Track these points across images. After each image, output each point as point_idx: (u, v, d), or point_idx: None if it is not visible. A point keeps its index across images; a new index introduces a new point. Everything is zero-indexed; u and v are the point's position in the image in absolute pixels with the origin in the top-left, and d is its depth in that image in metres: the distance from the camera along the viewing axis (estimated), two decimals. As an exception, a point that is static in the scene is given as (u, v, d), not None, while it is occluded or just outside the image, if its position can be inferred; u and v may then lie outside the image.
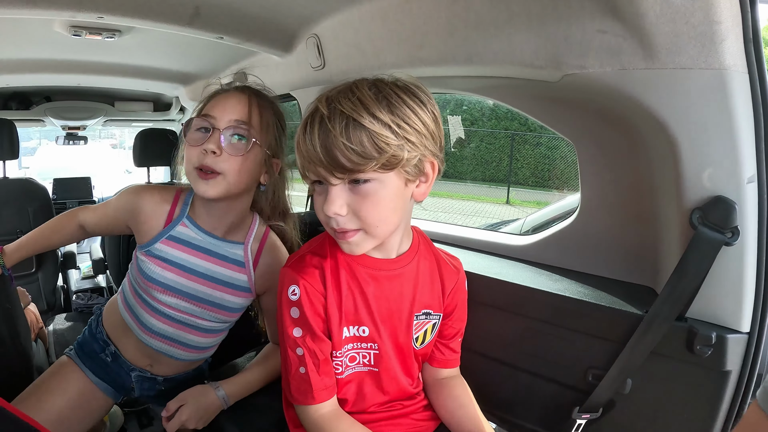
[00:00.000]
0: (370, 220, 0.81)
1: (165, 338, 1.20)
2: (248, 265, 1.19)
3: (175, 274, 1.16)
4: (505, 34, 1.05)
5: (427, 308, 0.99)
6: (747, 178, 0.85)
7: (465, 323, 1.08)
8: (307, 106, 0.84)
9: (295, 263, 0.93)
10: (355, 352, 0.96)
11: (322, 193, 0.82)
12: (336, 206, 0.80)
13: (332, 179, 0.79)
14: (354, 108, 0.77)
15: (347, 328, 0.93)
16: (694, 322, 0.92)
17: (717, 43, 0.80)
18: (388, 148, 0.77)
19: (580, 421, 1.04)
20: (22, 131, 2.67)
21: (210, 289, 1.18)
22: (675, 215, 0.93)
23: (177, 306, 1.17)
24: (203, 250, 1.17)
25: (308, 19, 1.56)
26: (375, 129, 0.76)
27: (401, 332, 0.97)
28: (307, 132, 0.79)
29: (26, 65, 2.31)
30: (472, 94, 1.38)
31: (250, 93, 1.12)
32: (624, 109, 0.96)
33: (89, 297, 2.61)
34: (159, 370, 1.25)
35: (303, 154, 0.80)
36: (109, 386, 1.26)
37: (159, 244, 1.15)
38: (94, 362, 1.25)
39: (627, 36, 0.87)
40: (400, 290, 0.96)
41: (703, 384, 0.93)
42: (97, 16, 1.44)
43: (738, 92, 0.82)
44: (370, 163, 0.77)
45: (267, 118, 1.11)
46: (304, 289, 0.89)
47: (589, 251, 1.19)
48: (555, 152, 9.79)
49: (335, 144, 0.76)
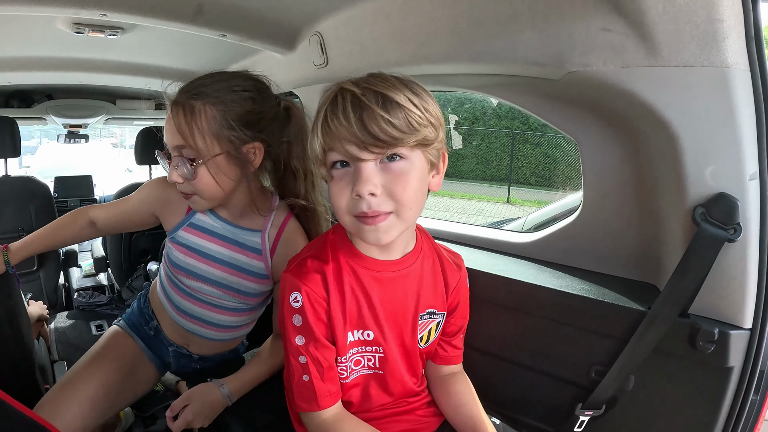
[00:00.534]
0: (405, 200, 0.79)
1: (194, 318, 1.24)
2: (265, 253, 1.20)
3: (196, 260, 1.20)
4: (508, 32, 1.05)
5: (431, 307, 0.98)
6: (749, 175, 0.86)
7: (467, 320, 1.09)
8: (325, 95, 0.82)
9: (296, 268, 0.90)
10: (360, 355, 0.95)
11: (345, 176, 0.80)
12: (371, 185, 0.77)
13: (366, 155, 0.77)
14: (387, 87, 0.78)
15: (351, 333, 0.92)
16: (696, 319, 0.93)
17: (719, 41, 0.81)
18: (419, 128, 0.78)
19: (582, 417, 1.04)
20: (23, 130, 2.68)
21: (228, 275, 1.20)
22: (677, 212, 0.94)
23: (200, 289, 1.21)
24: (222, 237, 1.19)
25: (311, 17, 1.56)
26: (409, 107, 0.77)
27: (407, 333, 0.96)
28: (338, 110, 0.77)
29: (28, 63, 2.31)
30: (476, 93, 1.39)
31: (177, 107, 1.04)
32: (627, 106, 0.97)
33: (91, 295, 2.62)
34: (195, 349, 1.30)
35: (330, 134, 0.78)
36: (155, 356, 1.31)
37: (182, 231, 1.20)
38: (141, 335, 1.31)
39: (630, 34, 0.88)
40: (405, 291, 0.94)
41: (706, 380, 0.93)
42: (100, 14, 1.43)
43: (740, 90, 0.83)
44: (408, 138, 0.77)
45: (206, 123, 1.03)
46: (307, 296, 0.87)
47: (591, 248, 1.20)
48: (556, 151, 9.79)
49: (372, 117, 0.75)
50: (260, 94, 1.11)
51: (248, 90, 1.08)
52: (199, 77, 1.07)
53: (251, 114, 1.07)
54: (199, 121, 1.02)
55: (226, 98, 1.04)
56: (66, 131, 3.59)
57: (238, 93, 1.06)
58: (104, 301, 2.59)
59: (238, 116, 1.05)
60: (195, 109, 1.02)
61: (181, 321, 1.25)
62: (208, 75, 1.08)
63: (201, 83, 1.05)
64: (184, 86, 1.06)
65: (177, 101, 1.04)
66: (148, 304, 1.34)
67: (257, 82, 1.12)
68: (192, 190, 1.07)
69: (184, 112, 1.02)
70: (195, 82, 1.06)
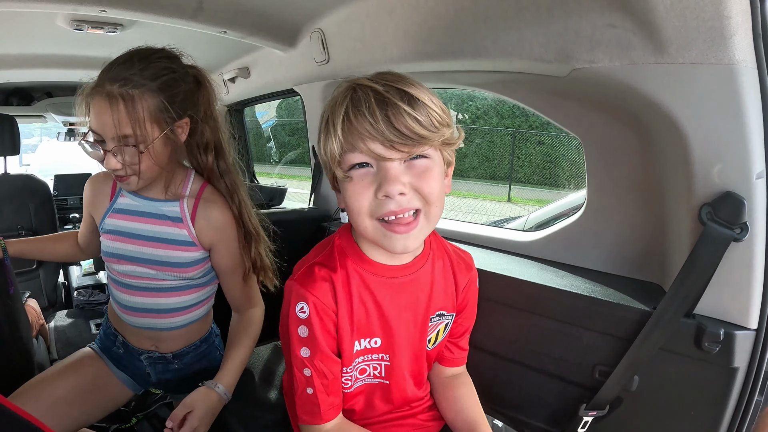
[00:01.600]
0: (432, 196, 0.77)
1: (141, 311, 1.22)
2: (186, 220, 1.19)
3: (122, 242, 1.19)
4: (513, 28, 1.04)
5: (441, 309, 0.96)
6: (756, 174, 0.85)
7: (474, 320, 1.07)
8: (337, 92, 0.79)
9: (302, 276, 0.86)
10: (365, 364, 0.93)
11: (366, 177, 0.77)
12: (399, 184, 0.74)
13: (393, 153, 0.74)
14: (408, 84, 0.76)
15: (358, 342, 0.89)
16: (702, 319, 0.92)
17: (727, 39, 0.80)
18: (440, 127, 0.76)
19: (586, 418, 1.03)
20: (24, 128, 2.67)
21: (154, 248, 1.20)
22: (683, 211, 0.93)
23: (133, 273, 1.20)
24: (144, 214, 1.20)
25: (313, 13, 1.55)
26: (431, 106, 0.75)
27: (416, 337, 0.94)
28: (362, 107, 0.73)
29: (28, 60, 2.30)
30: (479, 90, 1.38)
31: (115, 99, 1.02)
32: (632, 104, 0.96)
33: (90, 293, 2.60)
34: (164, 347, 1.27)
35: (353, 132, 0.74)
36: (129, 377, 1.29)
37: (107, 219, 1.21)
38: (111, 357, 1.29)
39: (636, 31, 0.87)
40: (416, 295, 0.91)
41: (711, 381, 0.92)
42: (99, 10, 1.43)
43: (747, 88, 0.82)
44: (434, 136, 0.75)
45: (147, 112, 1.04)
46: (314, 306, 0.83)
47: (596, 247, 1.19)
48: (557, 150, 9.78)
49: (399, 114, 0.72)
50: (180, 69, 1.12)
51: (172, 68, 1.09)
52: (118, 62, 1.06)
53: (179, 93, 1.10)
54: (141, 110, 1.03)
55: (157, 83, 1.06)
56: (66, 129, 3.58)
57: (167, 75, 1.07)
58: (104, 299, 2.57)
59: (170, 97, 1.07)
60: (135, 99, 1.03)
61: (134, 320, 1.23)
62: (127, 58, 1.06)
63: (127, 69, 1.04)
64: (110, 75, 1.03)
65: (112, 93, 1.02)
66: (109, 324, 1.31)
67: (173, 57, 1.13)
68: (130, 172, 1.09)
69: (125, 103, 1.02)
70: (119, 69, 1.04)
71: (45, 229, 2.50)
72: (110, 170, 1.09)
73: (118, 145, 1.05)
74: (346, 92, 0.77)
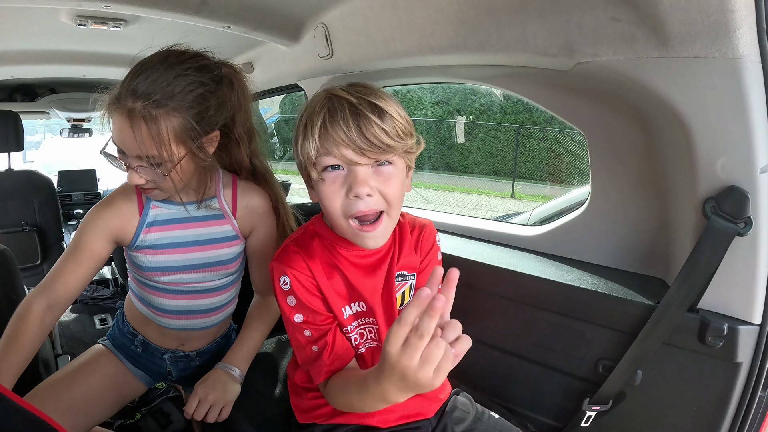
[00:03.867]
0: (394, 199, 0.87)
1: (182, 313, 1.21)
2: (228, 214, 1.19)
3: (167, 255, 1.16)
4: (518, 21, 1.04)
5: (402, 269, 1.00)
6: (761, 168, 0.84)
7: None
8: (314, 100, 0.87)
9: (280, 255, 0.95)
10: (361, 329, 0.98)
11: (337, 179, 0.86)
12: (367, 186, 0.84)
13: (362, 159, 0.83)
14: (378, 97, 0.85)
15: (349, 306, 0.97)
16: (705, 314, 0.92)
17: (731, 32, 0.79)
18: (405, 137, 0.86)
19: (589, 412, 1.04)
20: (27, 124, 2.68)
21: (204, 252, 1.18)
22: (687, 205, 0.93)
23: (181, 280, 1.18)
24: (183, 220, 1.16)
25: (316, 8, 1.54)
26: (398, 117, 0.85)
27: (387, 300, 0.99)
28: (337, 117, 0.83)
29: (31, 56, 2.30)
30: (483, 84, 1.37)
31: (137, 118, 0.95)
32: (636, 98, 0.96)
33: (95, 289, 2.61)
34: (190, 346, 1.27)
35: (328, 139, 0.83)
36: (145, 374, 1.28)
37: (142, 235, 1.14)
38: (127, 355, 1.26)
39: (640, 24, 0.86)
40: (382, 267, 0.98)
41: (714, 376, 0.92)
42: (102, 5, 1.43)
43: (751, 82, 0.82)
44: (398, 145, 0.84)
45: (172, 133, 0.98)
46: (294, 276, 0.92)
47: (599, 242, 1.19)
48: (560, 146, 9.75)
49: (369, 125, 0.82)
50: (211, 79, 1.04)
51: (201, 81, 1.01)
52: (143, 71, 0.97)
53: (208, 108, 1.03)
54: (165, 131, 0.97)
55: (185, 100, 0.99)
56: (69, 125, 3.59)
57: (195, 90, 1.00)
58: (108, 294, 2.59)
59: (197, 115, 1.01)
60: (159, 120, 0.96)
61: (170, 323, 1.21)
62: (152, 68, 0.98)
63: (152, 84, 0.96)
64: (133, 87, 0.96)
65: (134, 111, 0.95)
66: (126, 323, 1.27)
67: (204, 65, 1.04)
68: (154, 186, 1.05)
69: (147, 125, 0.95)
70: (143, 82, 0.96)
71: (50, 224, 2.52)
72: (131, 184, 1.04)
73: (141, 165, 1.00)
74: (324, 102, 0.86)
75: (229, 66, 1.12)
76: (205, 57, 1.06)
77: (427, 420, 1.02)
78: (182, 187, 1.08)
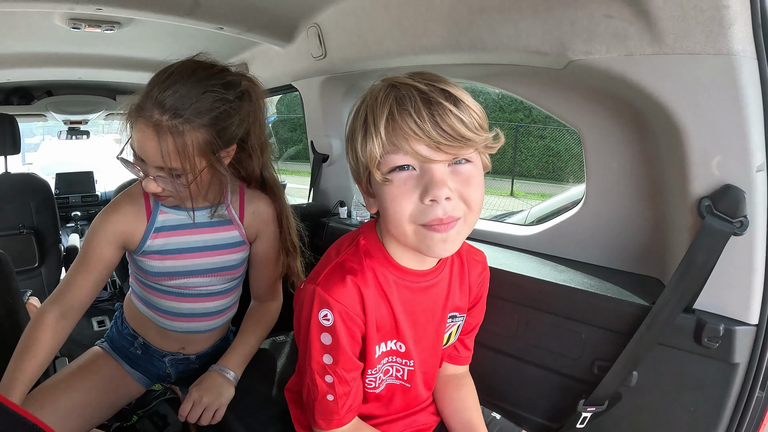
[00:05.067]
0: (475, 204, 0.75)
1: (186, 316, 1.22)
2: (236, 220, 1.20)
3: (175, 260, 1.16)
4: (510, 20, 1.03)
5: (455, 311, 0.94)
6: (756, 167, 0.83)
7: (482, 318, 1.04)
8: (373, 92, 0.76)
9: (325, 281, 0.80)
10: (389, 365, 0.91)
11: (409, 180, 0.73)
12: (446, 188, 0.71)
13: (439, 156, 0.71)
14: (449, 84, 0.73)
15: (385, 343, 0.87)
16: (701, 314, 0.91)
17: (725, 28, 0.78)
18: (481, 130, 0.73)
19: (585, 414, 1.02)
20: (26, 127, 2.67)
21: (211, 257, 1.19)
22: (683, 204, 0.92)
23: (187, 284, 1.19)
24: (191, 226, 1.17)
25: (309, 8, 1.54)
26: (473, 107, 0.73)
27: (434, 341, 0.93)
28: (407, 106, 0.70)
29: (27, 59, 2.30)
30: (476, 83, 1.36)
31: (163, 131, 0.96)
32: (630, 96, 0.95)
33: (92, 291, 2.61)
34: (191, 349, 1.28)
35: (398, 133, 0.71)
36: (143, 375, 1.28)
37: (149, 241, 1.14)
38: (126, 356, 1.26)
39: (633, 21, 0.85)
40: (436, 298, 0.90)
41: (711, 377, 0.91)
42: (95, 8, 1.43)
43: (747, 78, 0.80)
44: (478, 139, 0.72)
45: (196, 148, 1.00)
46: (339, 314, 0.79)
47: (594, 241, 1.18)
48: (559, 144, 9.74)
49: (446, 115, 0.69)
50: (235, 96, 1.05)
51: (227, 98, 1.03)
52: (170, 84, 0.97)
53: (231, 125, 1.05)
54: (190, 145, 0.98)
55: (211, 116, 1.00)
56: (67, 127, 3.59)
57: (221, 107, 1.01)
58: (106, 296, 2.59)
59: (220, 131, 1.03)
60: (185, 135, 0.97)
61: (173, 325, 1.22)
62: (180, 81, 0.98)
63: (180, 99, 0.97)
64: (161, 100, 0.96)
65: (161, 124, 0.96)
66: (126, 325, 1.27)
67: (229, 82, 1.06)
68: (169, 194, 1.06)
69: (173, 138, 0.96)
70: (171, 96, 0.96)
71: (47, 227, 2.51)
72: (147, 191, 1.06)
73: (160, 175, 1.01)
74: (388, 91, 0.73)
75: (249, 78, 1.12)
76: (230, 72, 1.08)
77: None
78: (197, 196, 1.08)
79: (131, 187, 1.18)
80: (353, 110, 0.79)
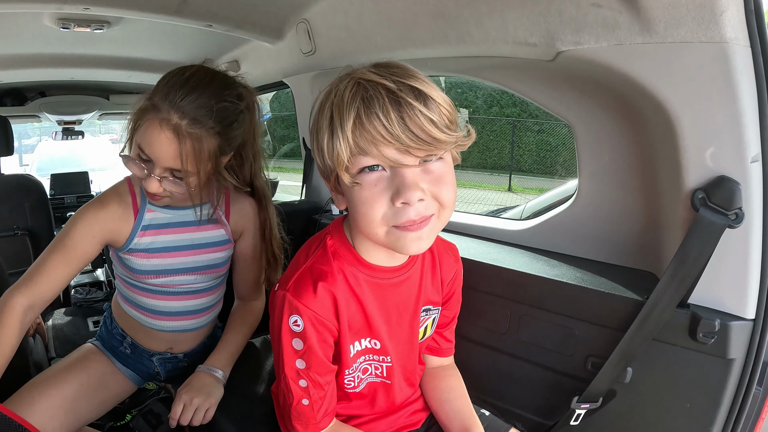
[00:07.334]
0: (448, 202, 0.73)
1: (172, 315, 1.22)
2: (222, 219, 1.21)
3: (161, 258, 1.17)
4: (497, 11, 1.01)
5: (428, 304, 0.94)
6: (751, 157, 0.81)
7: (459, 310, 1.04)
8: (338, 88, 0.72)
9: (294, 286, 0.80)
10: (367, 363, 0.90)
11: (379, 182, 0.71)
12: (419, 191, 0.69)
13: (409, 159, 0.69)
14: (417, 79, 0.70)
15: (359, 342, 0.86)
16: (696, 309, 0.89)
17: (717, 15, 0.76)
18: (452, 127, 0.70)
19: (579, 411, 1.01)
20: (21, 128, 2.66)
21: (196, 256, 1.20)
22: (676, 196, 0.90)
23: (172, 282, 1.19)
24: (178, 225, 1.18)
25: (298, 4, 1.52)
26: (442, 103, 0.70)
27: (409, 336, 0.92)
28: (375, 108, 0.67)
29: (19, 60, 2.29)
30: (465, 76, 1.35)
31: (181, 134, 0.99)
32: (621, 86, 0.93)
33: (88, 291, 2.60)
34: (179, 348, 1.28)
35: (365, 136, 0.68)
36: (134, 373, 1.28)
37: (136, 239, 1.15)
38: (116, 355, 1.27)
39: (623, 9, 0.83)
40: (409, 294, 0.89)
41: (706, 372, 0.89)
42: (83, 8, 1.42)
43: (740, 67, 0.78)
44: (449, 138, 0.69)
45: (208, 153, 1.03)
46: (310, 320, 0.78)
47: (588, 235, 1.16)
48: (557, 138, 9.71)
49: (415, 116, 0.67)
50: (245, 107, 1.11)
51: (239, 109, 1.08)
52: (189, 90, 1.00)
53: (238, 135, 1.11)
54: (205, 151, 1.03)
55: (224, 124, 1.05)
56: (61, 128, 3.58)
57: (232, 118, 1.07)
58: (101, 296, 2.57)
59: (228, 140, 1.08)
60: (202, 140, 1.01)
61: (159, 324, 1.22)
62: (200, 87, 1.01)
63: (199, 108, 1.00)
64: (181, 105, 0.98)
65: (180, 128, 0.98)
66: (116, 324, 1.28)
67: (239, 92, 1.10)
68: (167, 194, 1.07)
69: (192, 143, 1.00)
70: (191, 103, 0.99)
71: (42, 228, 2.50)
72: (147, 191, 1.07)
73: (166, 176, 1.04)
74: (354, 90, 0.69)
75: (247, 88, 1.15)
76: (240, 84, 1.12)
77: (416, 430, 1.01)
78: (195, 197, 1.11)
79: (117, 184, 1.18)
80: (317, 103, 0.76)
